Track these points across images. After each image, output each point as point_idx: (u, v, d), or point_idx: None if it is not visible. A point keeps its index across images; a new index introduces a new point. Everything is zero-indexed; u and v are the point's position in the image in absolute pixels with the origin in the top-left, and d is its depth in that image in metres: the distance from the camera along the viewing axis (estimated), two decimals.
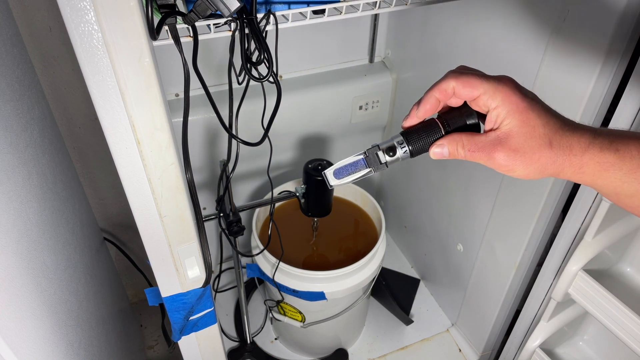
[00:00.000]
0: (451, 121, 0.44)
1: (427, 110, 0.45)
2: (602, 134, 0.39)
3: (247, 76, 0.60)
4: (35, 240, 0.61)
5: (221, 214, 0.88)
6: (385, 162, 0.44)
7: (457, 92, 0.43)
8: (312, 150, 1.30)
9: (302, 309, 1.05)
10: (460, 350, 1.25)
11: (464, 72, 0.44)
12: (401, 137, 0.45)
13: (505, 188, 0.95)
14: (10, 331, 0.49)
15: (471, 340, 1.23)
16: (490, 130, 0.42)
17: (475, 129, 0.44)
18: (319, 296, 0.96)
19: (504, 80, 0.42)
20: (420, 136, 0.44)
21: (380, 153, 0.44)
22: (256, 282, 1.20)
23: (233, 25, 0.55)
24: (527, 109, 0.40)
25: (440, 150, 0.44)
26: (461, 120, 0.44)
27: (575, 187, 0.84)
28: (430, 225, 1.28)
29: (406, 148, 0.44)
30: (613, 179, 0.39)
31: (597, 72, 0.71)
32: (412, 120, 0.46)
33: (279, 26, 0.57)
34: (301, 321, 1.07)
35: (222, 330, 1.22)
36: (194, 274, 0.66)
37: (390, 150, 0.44)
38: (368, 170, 0.45)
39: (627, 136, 0.39)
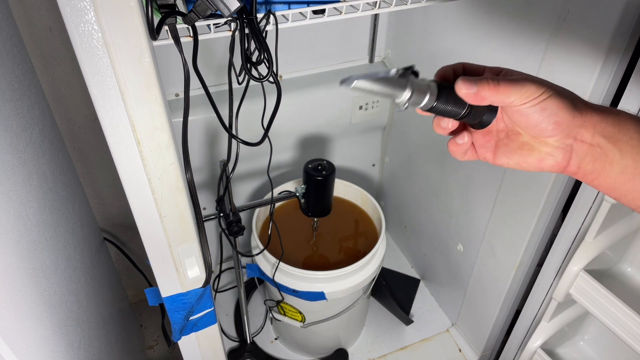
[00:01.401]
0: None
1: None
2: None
3: (247, 76, 0.60)
4: (35, 240, 0.61)
5: (221, 214, 0.88)
6: (411, 80, 0.39)
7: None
8: (312, 150, 1.30)
9: (302, 309, 1.05)
10: (460, 350, 1.25)
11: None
12: (433, 81, 0.41)
13: (505, 188, 0.95)
14: (10, 331, 0.49)
15: (471, 340, 1.23)
16: None
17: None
18: (319, 296, 0.96)
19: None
20: (450, 96, 0.41)
21: (412, 77, 0.40)
22: (256, 282, 1.20)
23: (233, 25, 0.55)
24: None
25: (469, 84, 0.39)
26: (482, 108, 0.42)
27: (576, 187, 0.83)
28: (430, 225, 1.28)
29: (435, 89, 0.40)
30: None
31: (598, 71, 0.71)
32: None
33: (279, 26, 0.57)
34: (301, 321, 1.07)
35: (222, 330, 1.22)
36: (194, 274, 0.66)
37: (415, 73, 0.40)
38: (396, 86, 0.39)
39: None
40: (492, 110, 0.42)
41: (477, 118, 0.42)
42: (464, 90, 0.39)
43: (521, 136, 0.42)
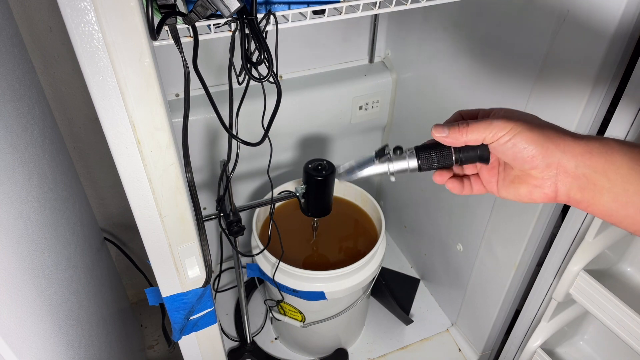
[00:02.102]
0: (464, 150, 0.45)
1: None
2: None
3: (247, 76, 0.60)
4: (35, 240, 0.61)
5: (221, 214, 0.88)
6: (389, 157, 0.45)
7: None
8: (312, 150, 1.30)
9: (302, 308, 1.05)
10: (460, 350, 1.25)
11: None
12: (413, 148, 0.46)
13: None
14: (10, 331, 0.49)
15: (471, 340, 1.23)
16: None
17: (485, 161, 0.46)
18: (319, 296, 0.97)
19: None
20: (431, 154, 0.46)
21: (390, 152, 0.46)
22: (256, 282, 1.20)
23: (233, 25, 0.55)
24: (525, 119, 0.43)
25: (441, 129, 0.45)
26: (473, 150, 0.45)
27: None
28: (430, 225, 1.28)
29: (415, 158, 0.46)
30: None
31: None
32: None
33: (279, 26, 0.57)
34: (301, 321, 1.07)
35: (222, 330, 1.22)
36: (194, 274, 0.66)
37: (399, 149, 0.46)
38: (375, 165, 0.45)
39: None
40: (485, 148, 0.45)
41: (473, 159, 0.45)
42: (437, 135, 0.44)
43: (513, 170, 0.45)
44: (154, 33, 0.46)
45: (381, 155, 0.45)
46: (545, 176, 0.42)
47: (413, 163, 0.45)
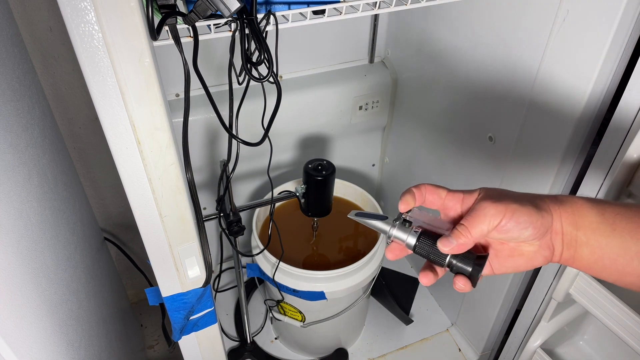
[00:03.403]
0: (460, 259, 0.45)
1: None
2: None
3: (247, 76, 0.60)
4: (35, 240, 0.61)
5: (221, 214, 0.88)
6: (396, 224, 0.47)
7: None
8: (312, 150, 1.30)
9: (302, 308, 1.05)
10: (460, 350, 1.25)
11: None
12: (419, 232, 0.47)
13: (505, 188, 0.95)
14: (10, 331, 0.49)
15: (471, 340, 1.23)
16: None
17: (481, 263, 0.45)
18: (319, 296, 0.97)
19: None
20: (428, 242, 0.46)
21: (400, 220, 0.47)
22: (256, 281, 1.20)
23: (233, 25, 0.55)
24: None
25: (447, 241, 0.44)
26: (467, 264, 0.44)
27: (575, 187, 0.84)
28: None
29: (415, 237, 0.46)
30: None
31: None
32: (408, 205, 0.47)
33: (279, 26, 0.57)
34: (301, 321, 1.07)
35: (223, 330, 1.22)
36: (194, 274, 0.66)
37: (408, 222, 0.47)
38: (383, 222, 0.47)
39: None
40: (479, 268, 0.44)
41: (462, 272, 0.44)
42: (447, 248, 0.43)
43: (507, 244, 0.45)
44: (154, 33, 0.46)
45: (395, 219, 0.47)
46: (543, 242, 0.43)
47: (411, 240, 0.46)
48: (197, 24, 0.50)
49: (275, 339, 1.25)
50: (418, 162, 1.26)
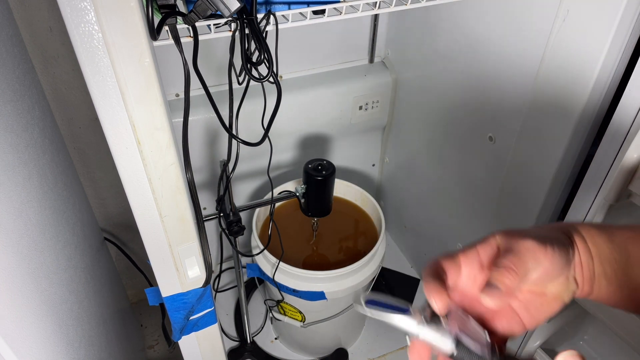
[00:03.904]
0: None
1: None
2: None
3: (247, 76, 0.60)
4: (35, 240, 0.61)
5: (221, 214, 0.88)
6: (425, 318, 0.36)
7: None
8: (312, 150, 1.30)
9: (302, 308, 1.05)
10: None
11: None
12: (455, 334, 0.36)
13: (505, 188, 0.95)
14: (10, 331, 0.49)
15: None
16: None
17: None
18: (319, 296, 0.97)
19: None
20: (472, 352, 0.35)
21: (428, 315, 0.36)
22: (256, 281, 1.20)
23: (233, 25, 0.55)
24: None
25: (491, 293, 0.35)
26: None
27: (575, 187, 0.83)
28: (430, 225, 1.28)
29: (450, 339, 0.35)
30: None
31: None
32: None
33: (279, 26, 0.57)
34: (301, 321, 1.07)
35: (222, 330, 1.22)
36: (194, 274, 0.66)
37: (435, 316, 0.36)
38: (406, 316, 0.36)
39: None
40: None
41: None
42: (493, 302, 0.34)
43: (535, 291, 0.38)
44: (154, 33, 0.46)
45: (419, 311, 0.37)
46: (569, 276, 0.38)
47: (447, 344, 0.35)
48: (197, 24, 0.50)
49: (275, 339, 1.25)
50: (418, 162, 1.26)
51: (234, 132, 0.65)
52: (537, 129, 0.83)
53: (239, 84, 0.65)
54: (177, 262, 0.63)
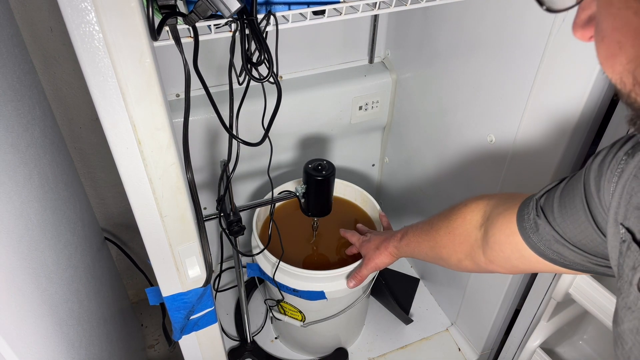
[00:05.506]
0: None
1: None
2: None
3: (247, 77, 0.61)
4: (36, 240, 0.61)
5: (221, 214, 0.88)
6: None
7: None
8: (312, 150, 1.30)
9: (302, 308, 1.05)
10: (459, 350, 1.25)
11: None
12: None
13: (504, 188, 0.95)
14: (10, 331, 0.49)
15: (470, 340, 1.23)
16: None
17: None
18: (319, 295, 0.97)
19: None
20: None
21: None
22: (256, 281, 1.20)
23: (233, 25, 0.55)
24: None
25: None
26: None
27: None
28: None
29: None
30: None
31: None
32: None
33: (279, 27, 0.57)
34: (301, 320, 1.08)
35: (223, 330, 1.22)
36: (194, 274, 0.66)
37: None
38: None
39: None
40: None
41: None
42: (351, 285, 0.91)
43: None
44: (154, 33, 0.47)
45: None
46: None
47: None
48: (197, 24, 0.50)
49: (276, 338, 1.25)
50: (418, 162, 1.26)
51: (234, 132, 0.65)
52: (536, 129, 0.83)
53: (239, 84, 0.65)
54: (178, 261, 0.64)
